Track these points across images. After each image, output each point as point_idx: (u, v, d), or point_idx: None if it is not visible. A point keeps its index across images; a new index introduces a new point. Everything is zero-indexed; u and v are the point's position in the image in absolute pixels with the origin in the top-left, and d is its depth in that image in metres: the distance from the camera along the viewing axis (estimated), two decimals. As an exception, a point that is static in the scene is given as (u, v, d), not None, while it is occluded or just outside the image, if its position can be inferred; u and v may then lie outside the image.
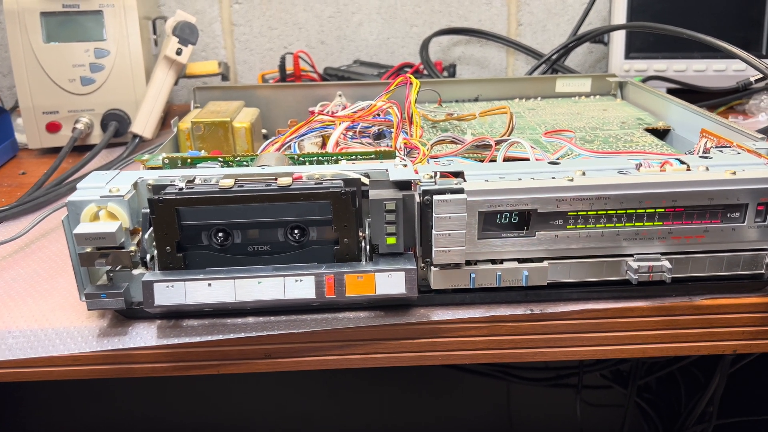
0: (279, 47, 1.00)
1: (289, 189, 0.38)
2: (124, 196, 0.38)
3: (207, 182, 0.39)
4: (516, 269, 0.40)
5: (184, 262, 0.39)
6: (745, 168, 0.40)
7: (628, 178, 0.39)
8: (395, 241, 0.39)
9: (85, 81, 0.73)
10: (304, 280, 0.38)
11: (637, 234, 0.39)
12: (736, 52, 0.57)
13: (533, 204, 0.38)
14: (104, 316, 0.41)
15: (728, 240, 0.40)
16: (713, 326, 0.42)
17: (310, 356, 0.41)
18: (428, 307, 0.41)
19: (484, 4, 1.01)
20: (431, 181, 0.39)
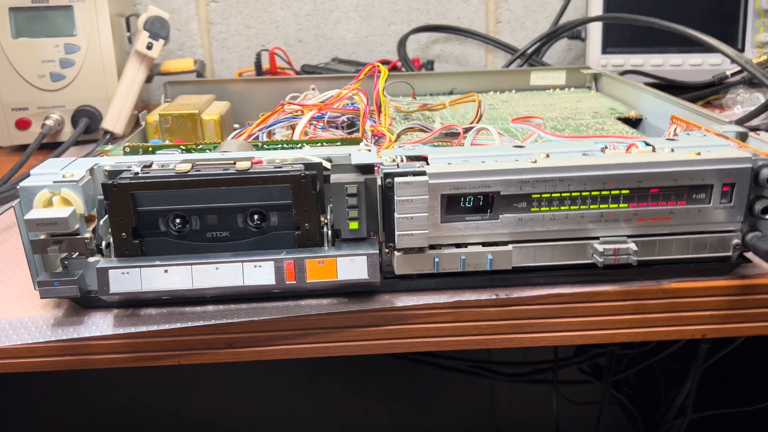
0: (257, 45, 1.00)
1: (248, 173, 0.37)
2: (78, 181, 0.37)
3: (164, 167, 0.38)
4: (480, 253, 0.39)
5: (140, 249, 0.38)
6: (710, 149, 0.40)
7: (592, 160, 0.38)
8: (358, 226, 0.39)
9: (55, 77, 0.72)
10: (263, 266, 0.38)
11: (602, 216, 0.39)
12: (708, 41, 0.57)
13: (496, 186, 0.38)
14: (60, 305, 0.40)
15: (694, 222, 0.39)
16: (681, 310, 0.42)
17: (273, 345, 0.41)
18: (392, 293, 0.41)
19: (462, 2, 1.00)
20: (393, 164, 0.39)
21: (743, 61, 0.53)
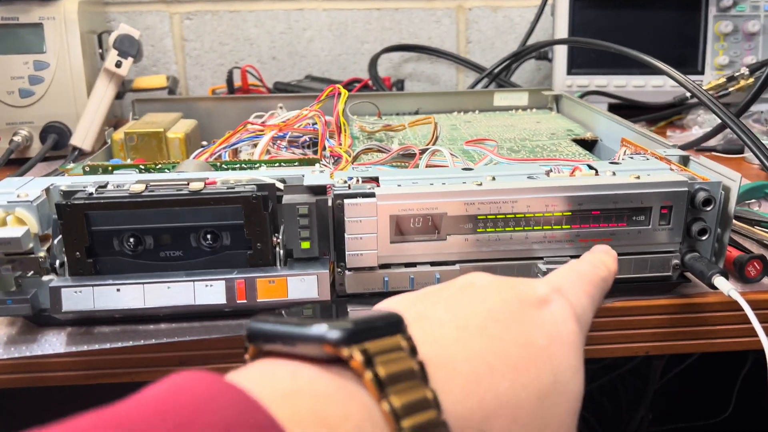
0: (230, 62, 1.01)
1: (200, 194, 0.38)
2: (32, 201, 0.38)
3: (119, 188, 0.39)
4: (429, 272, 0.40)
5: (94, 268, 0.39)
6: (650, 173, 0.41)
7: (535, 183, 0.40)
8: (309, 246, 0.39)
9: (24, 93, 0.72)
10: (214, 285, 0.38)
11: (545, 237, 0.40)
12: (658, 66, 0.59)
13: (443, 208, 0.39)
14: (14, 323, 0.41)
15: (635, 242, 0.41)
16: (626, 328, 0.43)
17: (226, 363, 0.41)
18: (344, 312, 0.42)
19: (433, 22, 1.02)
20: (345, 185, 0.40)
21: (691, 86, 0.55)
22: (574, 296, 0.28)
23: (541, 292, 0.27)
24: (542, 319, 0.26)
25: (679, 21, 0.90)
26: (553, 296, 0.27)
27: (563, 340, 0.26)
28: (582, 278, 0.30)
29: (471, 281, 0.28)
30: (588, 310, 0.29)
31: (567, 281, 0.29)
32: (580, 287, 0.29)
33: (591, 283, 0.30)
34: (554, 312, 0.27)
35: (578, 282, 0.29)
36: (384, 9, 1.01)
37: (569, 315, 0.27)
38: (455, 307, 0.26)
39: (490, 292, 0.27)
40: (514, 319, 0.25)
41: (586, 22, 0.89)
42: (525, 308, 0.26)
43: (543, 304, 0.27)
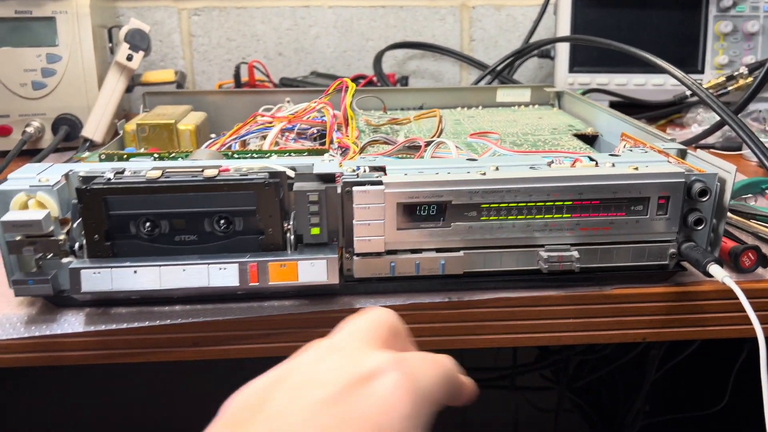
0: (237, 58, 1.02)
1: (214, 180, 0.40)
2: (53, 185, 0.39)
3: (136, 174, 0.41)
4: (434, 258, 0.42)
5: (112, 251, 0.40)
6: (648, 164, 0.43)
7: (537, 173, 0.41)
8: (319, 232, 0.41)
9: (36, 85, 0.74)
10: (228, 268, 0.40)
11: (546, 225, 0.42)
12: (659, 64, 0.60)
13: (448, 196, 0.41)
14: (34, 304, 0.42)
15: (634, 232, 0.42)
16: (623, 315, 0.44)
17: (237, 344, 0.43)
18: (352, 296, 0.43)
19: (437, 20, 1.04)
20: (353, 174, 0.41)
21: (691, 83, 0.57)
22: (418, 364, 0.27)
23: (370, 364, 0.26)
24: (367, 406, 0.25)
25: (680, 21, 0.91)
26: (389, 366, 0.26)
27: (392, 430, 0.25)
28: (431, 355, 0.29)
29: (292, 369, 0.27)
30: (434, 381, 0.27)
31: (413, 354, 0.28)
32: (429, 360, 0.28)
33: (442, 364, 0.29)
34: (383, 392, 0.25)
35: (427, 356, 0.29)
36: (389, 6, 1.03)
37: (402, 394, 0.25)
38: (281, 414, 0.25)
39: (308, 383, 0.26)
40: (333, 416, 0.24)
41: (588, 21, 0.91)
42: (344, 397, 0.25)
43: (370, 379, 0.26)
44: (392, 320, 0.31)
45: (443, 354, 0.30)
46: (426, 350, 0.30)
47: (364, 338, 0.29)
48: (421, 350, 0.30)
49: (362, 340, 0.29)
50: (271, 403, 0.25)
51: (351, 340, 0.29)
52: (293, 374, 0.27)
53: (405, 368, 0.26)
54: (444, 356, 0.30)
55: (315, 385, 0.25)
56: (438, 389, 0.28)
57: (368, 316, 0.31)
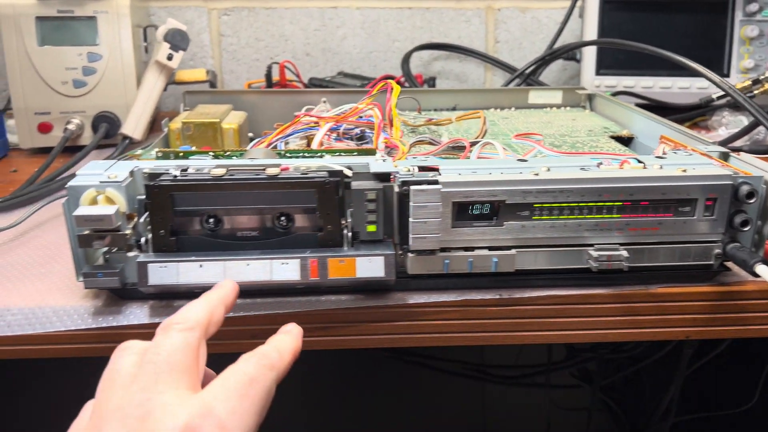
0: (265, 58, 1.04)
1: (277, 178, 0.41)
2: (122, 182, 0.41)
3: (200, 171, 0.42)
4: (486, 256, 0.43)
5: (176, 246, 0.42)
6: (695, 167, 0.44)
7: (589, 174, 0.42)
8: (375, 229, 0.42)
9: (77, 84, 0.75)
10: (289, 263, 0.41)
11: (597, 225, 0.43)
12: (694, 66, 0.61)
13: (502, 196, 0.42)
14: (99, 296, 0.44)
15: (680, 232, 0.43)
16: (668, 313, 0.45)
17: (294, 337, 0.44)
18: (405, 292, 0.44)
19: (463, 22, 1.05)
20: (409, 173, 0.42)
21: (726, 87, 0.58)
22: (225, 406, 0.28)
23: (175, 427, 0.27)
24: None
25: (706, 25, 0.92)
26: (196, 423, 0.27)
27: None
28: (241, 379, 0.30)
29: (99, 418, 0.28)
30: (247, 414, 0.29)
31: (221, 389, 0.29)
32: (236, 392, 0.29)
33: (252, 382, 0.30)
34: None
35: (235, 385, 0.30)
36: (415, 8, 1.04)
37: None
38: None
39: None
40: None
41: (614, 24, 0.92)
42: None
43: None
44: (183, 340, 0.31)
45: (254, 355, 0.32)
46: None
47: (167, 382, 0.29)
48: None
49: (167, 386, 0.29)
50: None
51: (155, 393, 0.28)
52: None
53: (212, 420, 0.28)
54: (252, 367, 0.31)
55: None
56: (251, 419, 0.29)
57: (162, 350, 0.30)
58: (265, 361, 0.32)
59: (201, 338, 0.32)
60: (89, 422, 0.29)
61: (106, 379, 0.31)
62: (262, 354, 0.32)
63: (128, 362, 0.31)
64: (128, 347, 0.32)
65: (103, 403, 0.29)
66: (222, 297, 0.36)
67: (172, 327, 0.32)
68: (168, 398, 0.28)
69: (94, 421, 0.29)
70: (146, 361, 0.30)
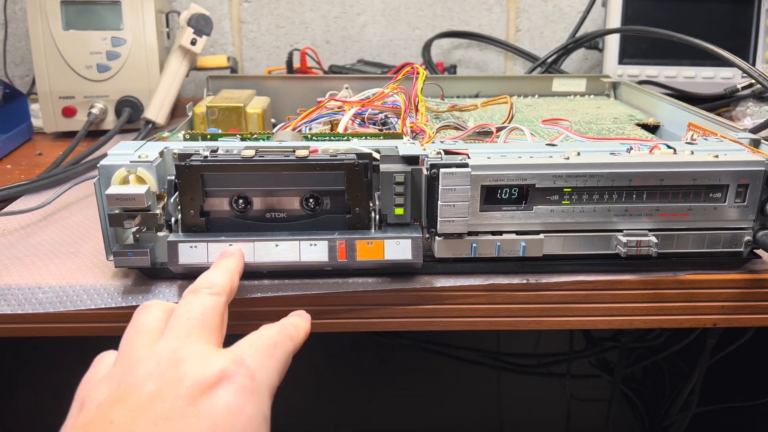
0: (285, 45, 1.04)
1: (306, 160, 0.41)
2: (152, 161, 0.41)
3: (229, 152, 0.42)
4: (514, 240, 0.43)
5: (206, 226, 0.42)
6: (727, 153, 0.43)
7: (619, 158, 0.42)
8: (403, 212, 0.42)
9: (101, 68, 0.76)
10: (318, 245, 0.41)
11: (626, 210, 0.43)
12: (723, 54, 0.61)
13: (532, 179, 0.42)
14: (128, 275, 0.44)
15: (710, 219, 0.43)
16: (695, 300, 0.45)
17: (321, 319, 0.44)
18: (432, 275, 0.44)
19: (484, 10, 1.04)
20: (438, 156, 0.42)
21: (757, 74, 0.57)
22: (255, 361, 0.30)
23: (210, 372, 0.28)
24: (213, 416, 0.27)
25: (731, 14, 0.91)
26: (231, 370, 0.28)
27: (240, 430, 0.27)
28: (266, 341, 0.32)
29: (134, 383, 0.28)
30: (272, 371, 0.31)
31: (249, 347, 0.31)
32: (264, 351, 0.31)
33: (276, 345, 0.32)
34: (227, 400, 0.27)
35: (262, 345, 0.31)
36: (436, -4, 1.03)
37: (245, 397, 0.28)
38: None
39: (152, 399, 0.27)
40: (182, 429, 0.26)
41: (638, 13, 0.91)
42: (191, 409, 0.26)
43: (214, 387, 0.28)
44: (213, 302, 0.33)
45: (275, 326, 0.33)
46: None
47: (200, 336, 0.30)
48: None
49: (199, 339, 0.30)
50: (116, 422, 0.26)
51: (188, 344, 0.29)
52: (134, 392, 0.27)
53: (245, 369, 0.29)
54: (276, 333, 0.33)
55: (159, 400, 0.27)
56: (276, 377, 0.31)
57: (195, 308, 0.32)
58: (286, 331, 0.34)
59: (226, 303, 0.34)
60: (114, 369, 0.30)
61: (132, 331, 0.32)
62: (282, 325, 0.34)
63: (154, 317, 0.32)
64: (152, 304, 0.33)
65: (130, 351, 0.30)
66: (237, 266, 0.38)
67: (201, 290, 0.33)
68: (201, 348, 0.30)
69: (120, 367, 0.30)
70: (178, 315, 0.31)
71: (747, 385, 0.79)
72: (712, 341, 0.64)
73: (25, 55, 1.01)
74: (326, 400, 1.12)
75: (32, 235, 0.50)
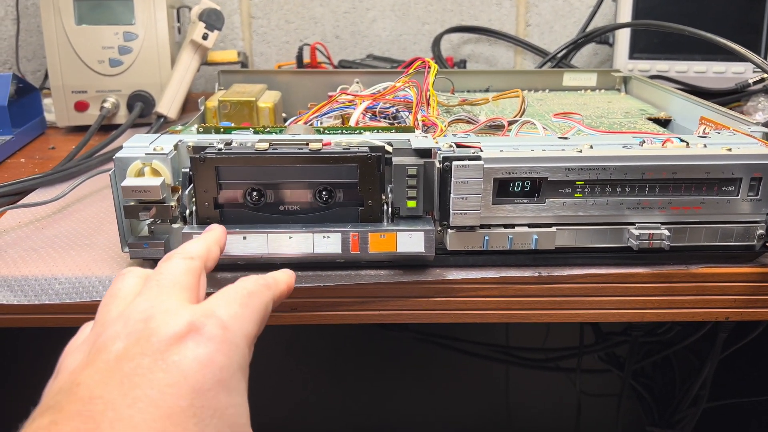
0: (295, 40, 1.04)
1: (320, 153, 0.41)
2: (167, 154, 0.41)
3: (243, 145, 0.42)
4: (526, 233, 0.43)
5: (220, 218, 0.42)
6: (740, 146, 0.43)
7: (632, 151, 0.42)
8: (415, 205, 0.42)
9: (113, 63, 0.76)
10: (331, 237, 0.42)
11: (639, 203, 0.43)
12: (736, 48, 0.60)
13: (544, 172, 0.42)
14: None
15: (723, 212, 0.43)
16: (707, 294, 0.45)
17: (333, 311, 0.44)
18: (444, 268, 0.45)
19: (494, 5, 1.04)
20: (450, 149, 0.43)
21: (761, 62, 0.57)
22: (227, 311, 0.29)
23: (178, 326, 0.27)
24: (181, 370, 0.26)
25: (743, 8, 0.91)
26: (199, 322, 0.28)
27: (208, 386, 0.26)
28: (240, 291, 0.31)
29: (103, 343, 0.27)
30: (247, 321, 0.30)
31: (222, 298, 0.30)
32: (236, 300, 0.30)
33: (251, 294, 0.31)
34: (196, 351, 0.27)
35: (235, 295, 0.30)
36: (446, -9, 1.03)
37: (215, 346, 0.27)
38: (84, 408, 0.24)
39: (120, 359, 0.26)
40: (149, 386, 0.25)
41: (649, 7, 0.90)
42: (158, 364, 0.26)
43: (182, 340, 0.27)
44: (186, 265, 0.32)
45: (251, 276, 0.33)
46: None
47: (170, 294, 0.30)
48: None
49: (169, 297, 0.29)
50: (83, 384, 0.25)
51: (158, 302, 0.29)
52: (103, 353, 0.27)
53: (214, 320, 0.28)
54: (251, 283, 0.32)
55: (126, 360, 0.26)
56: (252, 326, 0.30)
57: (166, 270, 0.32)
58: (262, 281, 0.33)
59: (201, 267, 0.33)
60: (89, 335, 0.30)
61: (108, 297, 0.32)
62: (261, 276, 0.34)
63: (130, 283, 0.32)
64: (129, 271, 0.33)
65: (104, 314, 0.30)
66: (216, 237, 0.37)
67: (174, 256, 0.33)
68: (171, 305, 0.29)
69: (95, 329, 0.30)
70: (149, 279, 0.31)
71: (758, 380, 0.79)
72: (723, 335, 0.64)
73: (36, 51, 1.02)
74: (334, 394, 1.12)
75: (47, 227, 0.51)
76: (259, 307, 0.31)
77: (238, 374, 0.28)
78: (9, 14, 1.00)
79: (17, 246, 0.47)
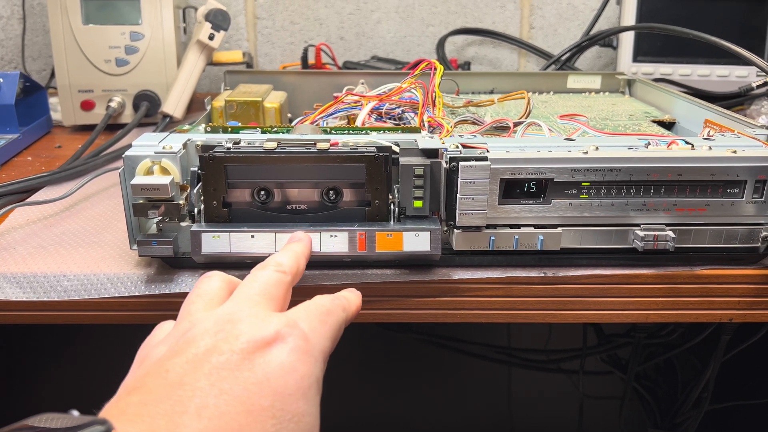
0: (300, 41, 1.04)
1: (327, 152, 0.42)
2: (176, 152, 0.42)
3: (251, 144, 0.43)
4: (532, 234, 0.43)
5: (228, 217, 0.42)
6: (745, 149, 0.44)
7: (637, 153, 0.42)
8: (422, 205, 0.43)
9: (120, 62, 0.77)
10: (338, 236, 0.42)
11: (644, 205, 0.43)
12: (741, 52, 0.61)
13: (550, 173, 0.42)
14: (151, 265, 0.45)
15: (728, 214, 0.43)
16: (712, 295, 0.45)
17: (339, 310, 0.45)
18: (450, 268, 0.45)
19: (498, 7, 1.05)
20: (457, 150, 0.43)
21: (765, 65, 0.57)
22: (309, 325, 0.30)
23: (266, 332, 0.29)
24: (266, 372, 0.27)
25: (746, 12, 0.91)
26: (285, 331, 0.29)
27: (290, 392, 0.27)
28: (320, 308, 0.32)
29: (192, 337, 0.29)
30: (324, 337, 0.31)
31: (304, 312, 0.31)
32: (317, 317, 0.31)
33: (329, 313, 0.32)
34: (281, 357, 0.28)
35: (315, 311, 0.32)
36: (450, -7, 1.04)
37: (298, 357, 0.29)
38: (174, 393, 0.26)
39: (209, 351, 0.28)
40: (236, 381, 0.26)
41: (653, 10, 0.91)
42: (246, 363, 0.27)
43: (269, 345, 0.28)
44: (278, 278, 0.34)
45: (327, 296, 0.34)
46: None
47: (259, 303, 0.31)
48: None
49: (258, 305, 0.31)
50: (172, 371, 0.27)
51: (247, 307, 0.31)
52: (192, 345, 0.28)
53: (299, 331, 0.30)
54: (329, 302, 0.33)
55: (215, 353, 0.27)
56: (328, 343, 0.31)
57: (259, 280, 0.33)
58: (338, 301, 0.34)
59: (291, 283, 0.35)
60: (174, 329, 0.31)
61: (194, 296, 0.33)
62: (336, 296, 0.35)
63: (215, 286, 0.33)
64: (214, 274, 0.34)
65: (190, 313, 0.31)
66: (305, 252, 0.39)
67: (269, 266, 0.34)
68: (258, 311, 0.30)
69: (180, 326, 0.31)
70: (242, 286, 0.33)
71: (761, 382, 0.79)
72: (726, 338, 0.64)
73: (42, 50, 1.02)
74: (335, 395, 1.12)
75: (55, 225, 0.51)
76: (335, 326, 0.33)
77: (315, 386, 0.29)
78: (15, 13, 1.00)
79: (26, 243, 0.48)
